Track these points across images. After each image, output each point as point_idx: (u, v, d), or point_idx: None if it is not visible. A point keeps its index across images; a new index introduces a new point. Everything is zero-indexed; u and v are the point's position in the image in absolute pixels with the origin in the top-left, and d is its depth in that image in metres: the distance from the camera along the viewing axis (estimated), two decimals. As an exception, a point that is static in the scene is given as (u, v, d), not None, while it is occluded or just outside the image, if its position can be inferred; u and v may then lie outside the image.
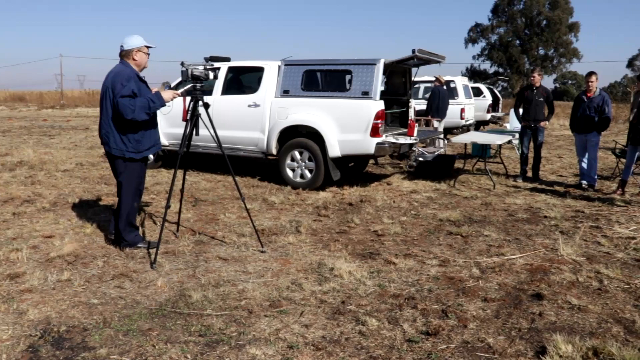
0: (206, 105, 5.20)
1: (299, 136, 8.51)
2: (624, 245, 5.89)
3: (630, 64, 67.56)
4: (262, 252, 5.32)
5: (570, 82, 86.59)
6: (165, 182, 8.79)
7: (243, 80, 9.69)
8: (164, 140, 9.43)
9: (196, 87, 5.17)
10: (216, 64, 9.01)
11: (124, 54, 5.03)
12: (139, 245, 5.31)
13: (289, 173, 8.63)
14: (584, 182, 9.24)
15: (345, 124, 8.13)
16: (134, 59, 5.03)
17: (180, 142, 5.33)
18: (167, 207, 5.07)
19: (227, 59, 5.57)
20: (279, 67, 8.85)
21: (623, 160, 9.57)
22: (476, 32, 65.07)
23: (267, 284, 4.49)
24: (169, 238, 5.72)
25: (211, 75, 5.20)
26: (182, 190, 5.74)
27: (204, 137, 5.75)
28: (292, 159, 8.58)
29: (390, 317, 3.88)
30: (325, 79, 8.87)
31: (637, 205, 7.86)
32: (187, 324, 3.70)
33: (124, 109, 4.78)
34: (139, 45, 5.02)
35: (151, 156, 5.59)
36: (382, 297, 4.24)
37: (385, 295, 4.27)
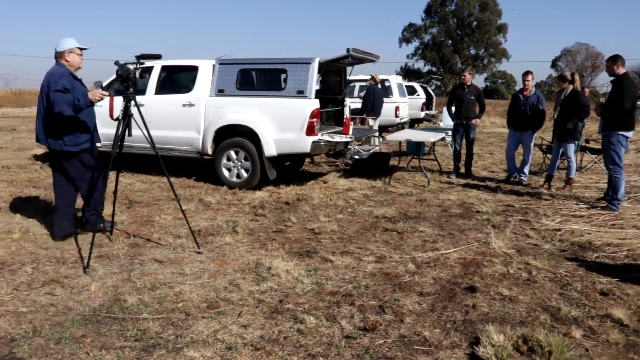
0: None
1: (235, 135, 8.44)
2: (551, 237, 6.15)
3: (554, 64, 70.55)
4: (198, 253, 5.26)
5: (500, 81, 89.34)
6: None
7: (177, 80, 9.51)
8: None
9: (128, 86, 5.08)
10: (150, 63, 8.86)
11: (58, 56, 5.31)
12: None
13: (225, 173, 8.55)
14: (522, 176, 9.59)
15: (281, 123, 8.11)
16: (66, 60, 5.30)
17: (112, 142, 5.22)
18: (101, 209, 4.97)
19: (158, 56, 5.49)
20: (214, 66, 8.74)
21: (549, 156, 9.97)
22: (410, 32, 66.29)
23: (204, 285, 4.44)
24: (102, 241, 5.56)
25: (138, 74, 5.16)
26: (115, 192, 5.60)
27: (137, 137, 5.62)
28: (228, 159, 8.50)
29: (328, 314, 3.91)
30: (260, 78, 8.83)
31: (562, 198, 8.21)
32: (123, 329, 3.61)
33: (53, 101, 5.03)
34: (70, 47, 5.30)
35: (99, 144, 5.68)
36: (319, 295, 4.26)
37: (322, 293, 4.30)
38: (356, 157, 10.23)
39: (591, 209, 7.45)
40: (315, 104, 8.03)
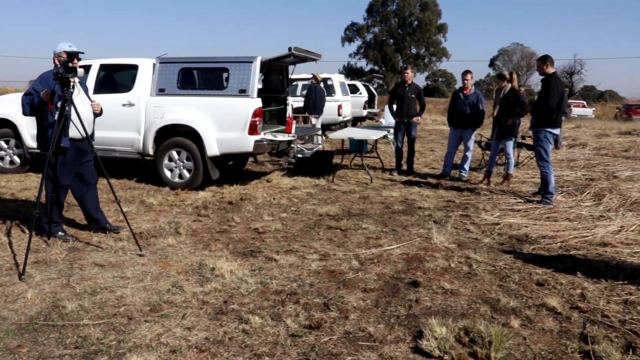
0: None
1: (176, 135, 8.32)
2: (490, 231, 6.33)
3: (492, 63, 72.61)
4: (140, 255, 5.16)
5: (440, 79, 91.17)
6: (34, 187, 8.26)
7: (116, 79, 9.28)
8: (31, 142, 8.90)
9: (64, 86, 4.97)
10: (87, 62, 8.64)
11: (53, 59, 5.44)
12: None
13: (167, 173, 8.42)
14: (463, 172, 9.82)
15: (223, 122, 8.05)
16: (55, 64, 5.38)
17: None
18: (37, 213, 4.82)
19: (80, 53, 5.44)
20: (154, 64, 8.59)
21: (488, 152, 10.25)
22: (352, 31, 66.77)
23: (147, 288, 4.36)
24: (39, 246, 5.38)
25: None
26: (52, 195, 5.44)
27: (101, 139, 5.60)
28: (170, 159, 8.37)
29: (273, 313, 3.91)
30: (202, 77, 8.73)
31: (501, 193, 8.46)
32: (62, 337, 3.51)
33: (20, 105, 5.32)
34: (58, 50, 5.40)
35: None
36: (264, 294, 4.26)
37: (267, 292, 4.30)
38: (299, 155, 10.25)
39: (527, 203, 7.71)
40: (257, 102, 8.00)
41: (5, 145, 9.35)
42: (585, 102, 48.79)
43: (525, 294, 4.41)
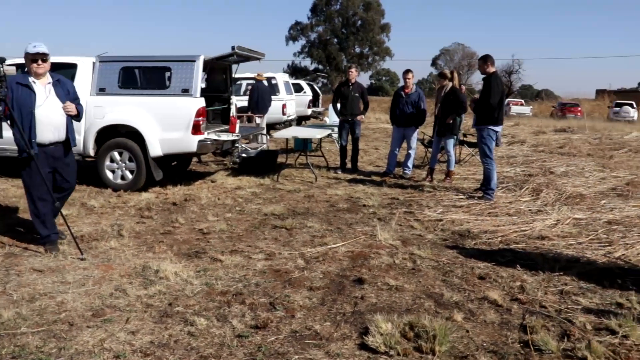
0: None
1: (118, 136, 8.13)
2: (433, 227, 6.46)
3: (434, 62, 74.03)
4: (81, 259, 5.02)
5: (384, 78, 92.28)
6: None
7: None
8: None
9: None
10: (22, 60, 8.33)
11: None
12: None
13: (109, 175, 8.22)
14: (406, 170, 9.96)
15: (166, 122, 7.93)
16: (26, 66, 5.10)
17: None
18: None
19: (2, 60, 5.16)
20: (94, 63, 8.37)
21: (431, 150, 10.44)
22: (296, 30, 66.73)
23: (89, 292, 4.25)
24: (-28, 252, 5.18)
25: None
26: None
27: (9, 139, 5.31)
28: (112, 160, 8.18)
29: (219, 314, 3.88)
30: (143, 76, 8.57)
31: (443, 190, 8.63)
32: (-2, 346, 3.38)
33: None
34: (25, 52, 5.04)
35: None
36: (210, 296, 4.22)
37: (213, 294, 4.26)
38: (244, 155, 10.19)
39: (469, 199, 7.89)
40: (200, 102, 7.91)
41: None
42: (523, 101, 50.33)
43: (468, 288, 4.52)
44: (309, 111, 21.10)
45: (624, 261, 5.30)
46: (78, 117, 5.35)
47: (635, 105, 40.70)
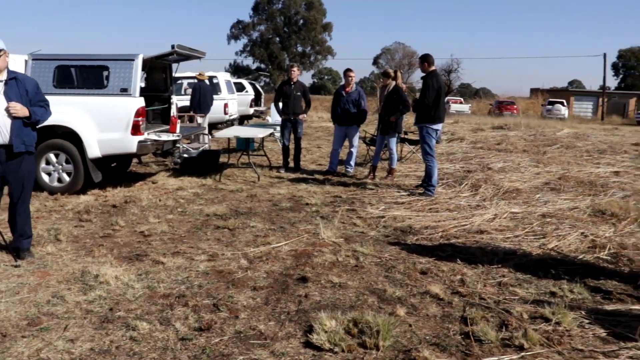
0: None
1: (54, 137, 7.88)
2: (375, 224, 6.54)
3: (375, 61, 74.95)
4: (16, 266, 4.83)
5: (326, 77, 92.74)
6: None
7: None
8: None
9: None
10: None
11: None
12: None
13: (45, 177, 7.95)
14: (349, 168, 10.04)
15: (104, 122, 7.74)
16: None
17: None
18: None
19: None
20: (26, 61, 8.07)
21: (373, 147, 10.56)
22: (238, 29, 66.30)
23: (24, 300, 4.10)
24: None
25: None
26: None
27: None
28: (48, 162, 7.91)
29: (161, 318, 3.82)
30: (80, 75, 8.31)
31: (385, 187, 8.75)
32: None
33: None
34: None
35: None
36: (152, 299, 4.15)
37: (155, 297, 4.19)
38: (185, 155, 10.05)
39: (411, 196, 8.02)
40: (140, 102, 7.76)
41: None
42: (462, 99, 51.52)
43: (410, 283, 4.60)
44: (251, 110, 20.99)
45: (557, 252, 5.52)
46: (30, 119, 4.98)
47: (565, 104, 42.48)
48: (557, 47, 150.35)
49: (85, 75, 8.26)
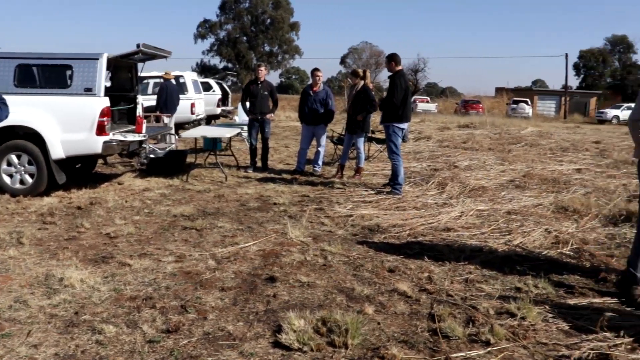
0: None
1: (16, 138, 7.71)
2: (343, 223, 6.56)
3: (343, 61, 75.24)
4: (-24, 270, 4.73)
5: (294, 77, 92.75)
6: None
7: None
8: None
9: None
10: None
11: None
12: None
13: (7, 179, 7.78)
14: (317, 167, 10.05)
15: (68, 122, 7.60)
16: None
17: None
18: None
19: None
20: (-16, 61, 7.89)
21: (340, 147, 10.60)
22: (205, 28, 65.82)
23: (-16, 306, 4.01)
24: None
25: None
26: None
27: None
28: (9, 164, 7.74)
29: (128, 320, 3.77)
30: (43, 75, 8.15)
31: (353, 186, 8.79)
32: None
33: None
34: None
35: None
36: (118, 302, 4.09)
37: (121, 299, 4.14)
38: (152, 156, 9.94)
39: (378, 195, 8.07)
40: (105, 102, 7.65)
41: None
42: (429, 98, 52.05)
43: (378, 281, 4.63)
44: (218, 110, 20.85)
45: (522, 248, 5.62)
46: None
47: (530, 103, 43.30)
48: (521, 47, 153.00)
49: (47, 75, 8.11)
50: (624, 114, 38.34)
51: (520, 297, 4.22)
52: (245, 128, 11.34)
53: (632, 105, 4.15)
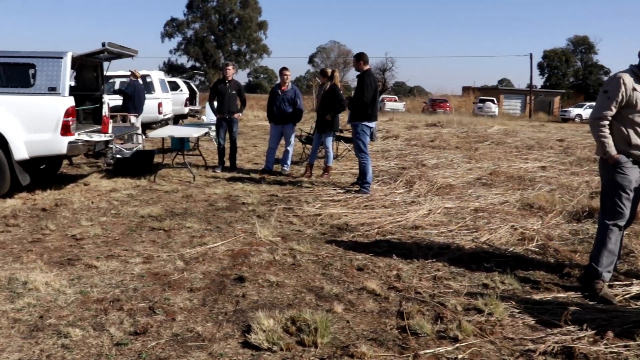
0: None
1: (-24, 139, 7.54)
2: (312, 222, 6.58)
3: (311, 60, 75.25)
4: (-64, 274, 4.61)
5: (262, 76, 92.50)
6: None
7: None
8: None
9: None
10: None
11: None
12: None
13: (-33, 181, 7.60)
14: (285, 167, 10.04)
15: (32, 123, 7.45)
16: None
17: None
18: None
19: None
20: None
21: (309, 146, 10.61)
22: (172, 27, 65.24)
23: (-55, 310, 3.91)
24: None
25: None
26: None
27: None
28: (-30, 165, 7.57)
29: (95, 323, 3.72)
30: (4, 74, 7.95)
31: (322, 185, 8.81)
32: None
33: None
34: None
35: None
36: (85, 304, 4.03)
37: (88, 302, 4.08)
38: (118, 156, 9.82)
39: (347, 193, 8.11)
40: (69, 101, 7.52)
41: None
42: (397, 97, 52.42)
43: (347, 280, 4.65)
44: (186, 110, 20.66)
45: (489, 245, 5.71)
46: None
47: (496, 102, 44.01)
48: (488, 47, 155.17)
49: (9, 74, 7.93)
50: (586, 112, 39.20)
51: (488, 294, 4.28)
52: (213, 127, 11.28)
53: (594, 104, 4.26)
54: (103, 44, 8.06)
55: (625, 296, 4.38)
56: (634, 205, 4.52)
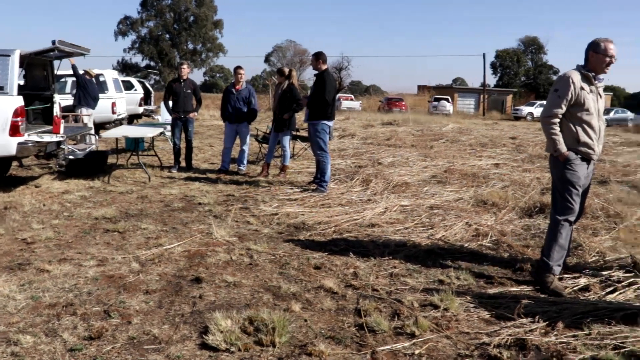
0: None
1: None
2: (269, 221, 6.57)
3: (267, 59, 75.11)
4: None
5: (218, 75, 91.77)
6: None
7: None
8: None
9: None
10: None
11: None
12: None
13: None
14: (241, 166, 9.99)
15: (-22, 123, 7.24)
16: None
17: None
18: None
19: None
20: None
21: (265, 145, 10.58)
22: (126, 25, 64.19)
23: None
24: None
25: None
26: None
27: None
28: None
29: (47, 329, 3.63)
30: (-52, 73, 7.74)
31: (278, 184, 8.80)
32: None
33: None
34: None
35: None
36: (36, 310, 3.93)
37: (40, 307, 3.98)
38: (71, 157, 9.60)
39: (304, 192, 8.12)
40: (18, 101, 7.33)
41: None
42: (353, 96, 52.71)
43: (305, 279, 4.66)
44: (141, 109, 20.35)
45: (444, 242, 5.81)
46: None
47: (450, 100, 44.76)
48: (443, 47, 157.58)
49: (-47, 72, 7.69)
50: (537, 110, 40.23)
51: (443, 289, 4.35)
52: (169, 127, 11.16)
53: (545, 102, 4.41)
54: (53, 42, 7.87)
55: (574, 288, 4.53)
56: (583, 201, 4.69)
